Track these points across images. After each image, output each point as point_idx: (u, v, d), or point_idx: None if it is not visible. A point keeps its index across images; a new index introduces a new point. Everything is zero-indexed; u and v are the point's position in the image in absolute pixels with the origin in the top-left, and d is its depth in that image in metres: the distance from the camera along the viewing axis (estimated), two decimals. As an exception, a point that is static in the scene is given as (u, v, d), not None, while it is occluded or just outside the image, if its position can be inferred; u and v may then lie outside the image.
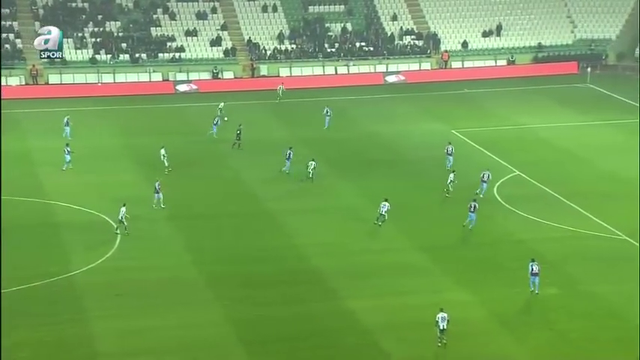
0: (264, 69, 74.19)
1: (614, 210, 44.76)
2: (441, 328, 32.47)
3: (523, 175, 50.29)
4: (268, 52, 75.42)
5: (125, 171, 51.22)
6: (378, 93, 69.35)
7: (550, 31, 79.13)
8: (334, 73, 74.84)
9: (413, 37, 78.03)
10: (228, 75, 73.46)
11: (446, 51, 76.80)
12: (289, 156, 50.42)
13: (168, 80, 71.83)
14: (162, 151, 50.73)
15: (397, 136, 58.26)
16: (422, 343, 33.03)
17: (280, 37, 76.81)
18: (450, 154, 51.06)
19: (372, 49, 76.45)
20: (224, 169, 52.05)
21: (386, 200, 43.15)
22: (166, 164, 50.40)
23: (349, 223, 44.19)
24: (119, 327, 34.05)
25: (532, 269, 36.62)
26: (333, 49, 76.18)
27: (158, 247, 41.24)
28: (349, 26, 78.33)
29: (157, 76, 72.16)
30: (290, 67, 74.60)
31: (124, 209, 41.88)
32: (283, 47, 76.08)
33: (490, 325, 34.25)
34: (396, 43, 77.43)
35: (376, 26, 78.89)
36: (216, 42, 75.30)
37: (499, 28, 78.93)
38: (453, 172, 47.31)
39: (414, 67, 75.66)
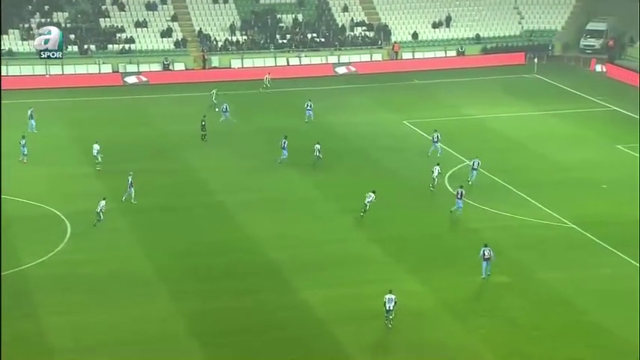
0: (215, 60, 73.79)
1: (561, 198, 45.43)
2: (387, 308, 33.01)
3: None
4: (219, 44, 75.05)
5: (75, 164, 50.65)
6: (330, 84, 69.45)
7: (498, 23, 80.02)
8: (286, 64, 74.74)
9: (364, 28, 78.28)
10: (179, 66, 72.99)
11: (396, 42, 77.19)
12: (284, 145, 50.17)
13: (117, 72, 71.13)
14: (96, 147, 49.89)
15: (349, 126, 58.36)
16: (376, 332, 33.23)
17: (232, 29, 76.48)
18: (437, 142, 51.05)
19: (323, 40, 76.52)
20: (176, 161, 51.69)
21: (373, 192, 43.16)
22: (99, 160, 49.45)
23: (303, 214, 44.17)
24: (72, 321, 33.72)
25: (484, 254, 37.13)
26: (285, 41, 76.07)
27: (109, 241, 40.85)
28: (300, 17, 78.26)
29: (106, 68, 71.43)
30: (242, 59, 74.34)
31: (103, 202, 41.75)
32: (235, 38, 75.77)
33: (441, 313, 34.56)
34: (347, 34, 77.60)
35: (327, 17, 78.95)
36: (166, 33, 74.71)
37: (448, 19, 79.55)
38: (438, 164, 47.03)
39: (366, 58, 75.93)
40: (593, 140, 55.17)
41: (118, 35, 73.28)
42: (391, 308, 33.10)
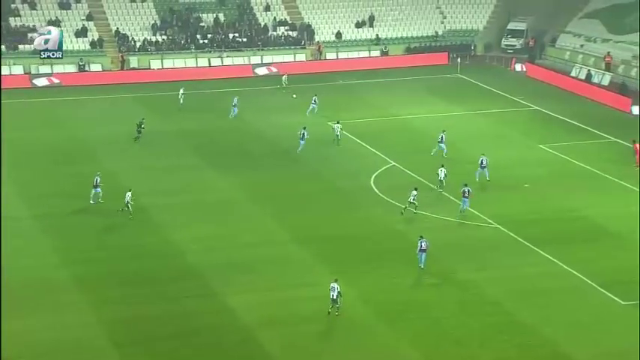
0: (134, 61, 72.23)
1: (486, 199, 45.54)
2: (331, 297, 33.22)
3: (398, 166, 50.65)
4: (138, 44, 73.45)
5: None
6: (252, 85, 68.65)
7: (421, 22, 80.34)
8: (207, 64, 73.63)
9: (287, 27, 77.70)
10: (95, 67, 71.14)
11: (319, 42, 76.78)
12: (303, 136, 51.20)
13: (29, 73, 68.81)
14: None
15: (271, 127, 57.86)
16: (302, 337, 32.76)
17: (152, 28, 75.00)
18: (442, 142, 50.98)
19: (245, 40, 75.63)
20: (94, 164, 50.26)
21: (415, 189, 43.03)
22: None
23: (226, 216, 43.48)
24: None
25: (421, 245, 37.38)
26: (206, 41, 74.92)
27: (25, 247, 39.48)
28: (221, 17, 77.24)
29: (18, 69, 69.02)
30: (161, 59, 72.89)
31: (129, 194, 41.88)
32: (154, 38, 74.30)
33: (369, 316, 34.29)
34: (269, 34, 76.87)
35: (249, 17, 78.11)
36: (81, 33, 72.77)
37: (371, 18, 79.52)
38: (443, 166, 46.55)
39: (289, 58, 75.35)
40: (516, 140, 55.63)
41: (30, 35, 70.89)
42: (335, 298, 33.29)
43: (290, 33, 77.22)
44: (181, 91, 61.79)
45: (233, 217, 43.38)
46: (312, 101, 60.53)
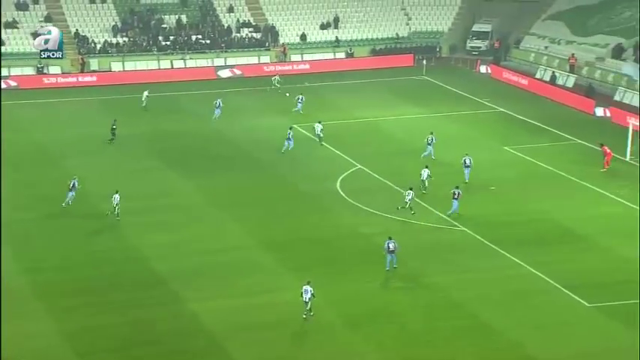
0: (94, 63, 71.19)
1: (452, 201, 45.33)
2: (304, 300, 33.16)
3: (365, 169, 50.35)
4: (98, 46, 72.40)
5: None
6: (215, 88, 68.01)
7: (386, 24, 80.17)
8: (170, 67, 72.81)
9: (251, 29, 77.11)
10: (54, 70, 69.95)
11: (283, 44, 76.32)
12: (289, 136, 51.71)
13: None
14: None
15: (238, 131, 57.32)
16: (269, 343, 32.35)
17: (113, 30, 74.06)
18: (430, 144, 50.95)
19: (209, 42, 74.93)
20: (53, 169, 49.49)
21: (410, 189, 42.81)
22: None
23: (189, 221, 42.91)
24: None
25: (388, 247, 37.20)
26: (168, 42, 74.11)
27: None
28: (184, 18, 76.50)
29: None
30: (123, 62, 71.91)
31: (117, 196, 41.52)
32: (114, 40, 73.33)
33: (334, 321, 33.94)
34: (233, 35, 76.24)
35: (212, 18, 77.43)
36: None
37: (336, 20, 79.21)
38: (427, 167, 46.48)
39: (253, 60, 74.76)
40: (481, 142, 55.57)
41: (-14, 37, 69.66)
42: (307, 300, 33.17)
43: (254, 35, 76.66)
44: (145, 93, 61.29)
45: (197, 222, 42.79)
46: (298, 100, 60.55)
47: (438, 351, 32.00)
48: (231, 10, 78.37)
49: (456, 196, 43.12)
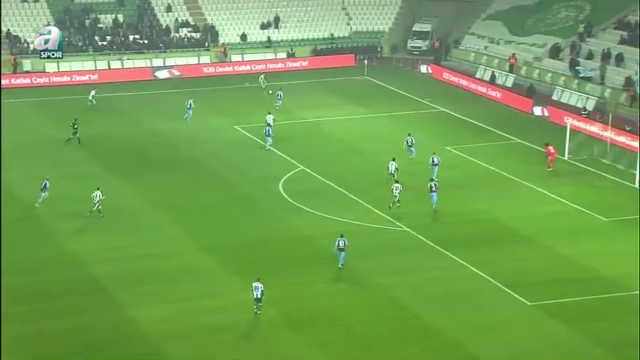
0: (27, 64, 69.60)
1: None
2: (254, 296, 33.24)
3: (307, 170, 50.03)
4: (32, 46, 70.73)
5: None
6: (153, 89, 67.08)
7: (327, 24, 79.96)
8: (107, 67, 71.56)
9: (189, 29, 76.19)
10: (-14, 71, 68.28)
11: (224, 44, 75.59)
12: (268, 132, 52.29)
13: None
14: None
15: (176, 132, 56.60)
16: (211, 348, 31.85)
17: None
18: (411, 146, 51.23)
19: (147, 42, 73.82)
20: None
21: (397, 182, 43.85)
22: None
23: (128, 225, 42.16)
24: None
25: (339, 244, 37.27)
26: (105, 43, 72.80)
27: None
28: (121, 17, 75.26)
29: None
30: (57, 62, 70.26)
31: (98, 192, 41.66)
32: (49, 40, 71.71)
33: (279, 324, 33.61)
34: (172, 35, 75.26)
35: (150, 18, 76.33)
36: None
37: (277, 20, 78.74)
38: (394, 159, 46.81)
39: (193, 60, 73.87)
40: (423, 142, 55.58)
41: None
42: (259, 296, 33.23)
43: (193, 35, 75.76)
44: (93, 92, 60.59)
45: (136, 226, 42.10)
46: (277, 96, 60.74)
47: (382, 353, 31.86)
48: (169, 9, 77.35)
49: (434, 189, 43.32)
